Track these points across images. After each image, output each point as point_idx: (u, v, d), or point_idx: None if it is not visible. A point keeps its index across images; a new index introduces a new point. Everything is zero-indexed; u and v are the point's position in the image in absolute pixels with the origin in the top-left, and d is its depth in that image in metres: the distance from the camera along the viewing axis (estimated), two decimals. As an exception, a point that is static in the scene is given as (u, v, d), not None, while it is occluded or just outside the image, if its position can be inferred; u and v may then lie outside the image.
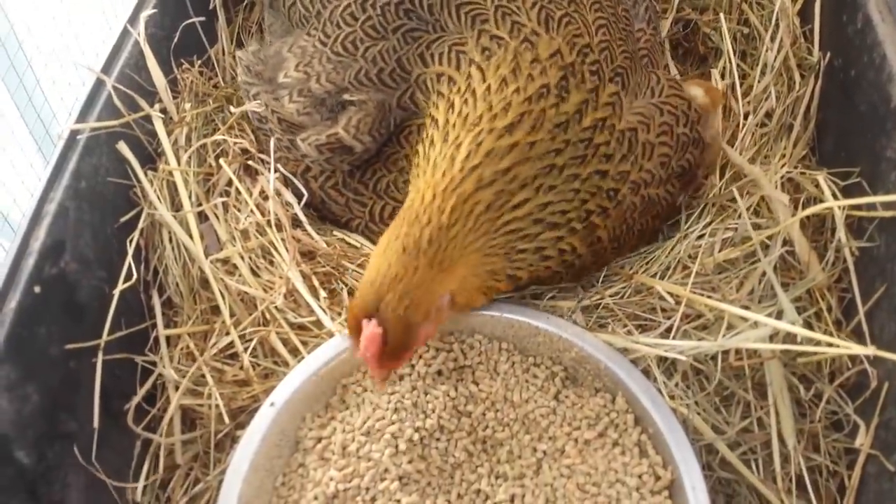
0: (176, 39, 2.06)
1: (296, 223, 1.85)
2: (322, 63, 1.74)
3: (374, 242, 1.81)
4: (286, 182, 1.87)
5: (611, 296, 1.73)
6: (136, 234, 1.78)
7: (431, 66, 1.67)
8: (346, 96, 1.71)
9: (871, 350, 1.35)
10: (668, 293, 1.66)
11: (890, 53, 1.65)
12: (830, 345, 1.41)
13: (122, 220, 1.78)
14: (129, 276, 1.70)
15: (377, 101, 1.70)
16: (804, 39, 2.03)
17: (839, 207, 1.65)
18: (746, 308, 1.67)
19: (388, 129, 1.72)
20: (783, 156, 1.92)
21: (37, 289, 1.50)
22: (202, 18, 2.14)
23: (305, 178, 1.84)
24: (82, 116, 1.78)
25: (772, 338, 1.55)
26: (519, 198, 1.49)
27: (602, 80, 1.64)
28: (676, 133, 1.72)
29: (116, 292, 1.65)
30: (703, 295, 1.66)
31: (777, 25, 2.04)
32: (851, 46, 1.80)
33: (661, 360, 1.59)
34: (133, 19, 1.97)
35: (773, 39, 2.05)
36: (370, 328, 1.36)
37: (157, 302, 1.80)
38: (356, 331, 1.38)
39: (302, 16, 1.83)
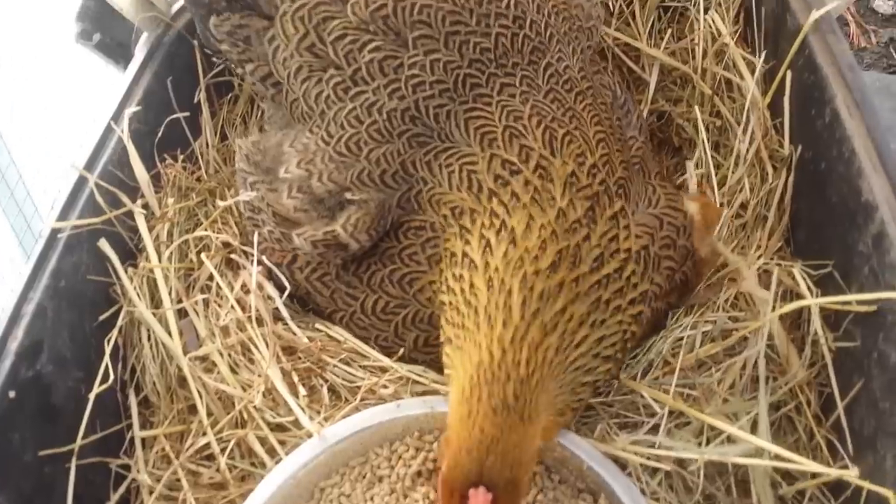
0: (160, 134, 2.08)
1: (277, 317, 1.85)
2: (325, 162, 1.74)
3: (357, 335, 1.80)
4: (269, 274, 1.87)
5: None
6: (115, 332, 1.77)
7: (441, 180, 1.68)
8: (348, 195, 1.72)
9: (853, 474, 1.37)
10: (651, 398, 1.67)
11: (858, 148, 1.69)
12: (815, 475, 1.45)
13: (101, 318, 1.77)
14: (105, 378, 1.68)
15: (378, 201, 1.70)
16: (775, 132, 2.07)
17: (816, 304, 1.67)
18: (727, 401, 1.69)
19: (385, 228, 1.72)
20: (759, 247, 1.95)
21: (11, 393, 1.49)
22: (186, 113, 2.16)
23: (291, 269, 1.83)
24: (64, 214, 1.78)
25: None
26: (579, 335, 1.49)
27: (611, 197, 1.66)
28: (678, 245, 1.73)
29: (92, 395, 1.63)
30: (684, 393, 1.67)
31: (748, 118, 2.09)
32: (821, 140, 1.84)
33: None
34: (117, 116, 1.99)
35: (744, 132, 2.09)
36: (480, 496, 1.34)
37: (133, 402, 1.78)
38: (457, 498, 1.36)
39: (304, 112, 1.81)
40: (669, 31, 2.40)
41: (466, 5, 1.76)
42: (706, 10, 2.29)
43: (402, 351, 1.76)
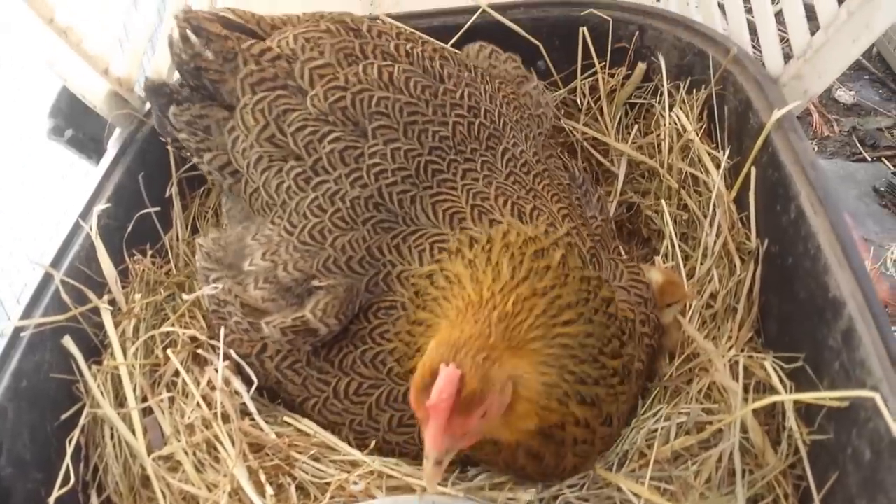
0: (129, 229, 2.07)
1: (244, 412, 1.81)
2: (289, 252, 1.75)
3: (330, 422, 1.78)
4: (237, 369, 1.84)
5: (569, 487, 1.70)
6: (77, 431, 1.73)
7: (411, 259, 1.70)
8: (315, 283, 1.72)
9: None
10: (629, 491, 1.65)
11: (824, 245, 1.71)
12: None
13: (63, 417, 1.73)
14: (66, 480, 1.63)
15: (346, 286, 1.71)
16: (742, 225, 2.10)
17: (790, 400, 1.67)
18: (704, 496, 1.67)
19: (354, 311, 1.72)
20: (730, 338, 1.95)
21: (-34, 499, 1.43)
22: (157, 208, 2.16)
23: (261, 359, 1.81)
24: (28, 312, 1.76)
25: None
26: (566, 315, 1.50)
27: (585, 264, 1.69)
28: (647, 314, 1.78)
29: (52, 499, 1.58)
30: (661, 487, 1.65)
31: (714, 212, 2.12)
32: (787, 235, 1.87)
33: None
34: (86, 213, 1.98)
35: (711, 225, 2.13)
36: (448, 370, 1.31)
37: (95, 503, 1.72)
38: (426, 385, 1.33)
39: (265, 203, 1.83)
40: (636, 126, 2.48)
41: (422, 96, 1.82)
42: (671, 108, 2.36)
43: (373, 443, 1.74)
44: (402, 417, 1.71)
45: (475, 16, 2.42)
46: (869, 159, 3.65)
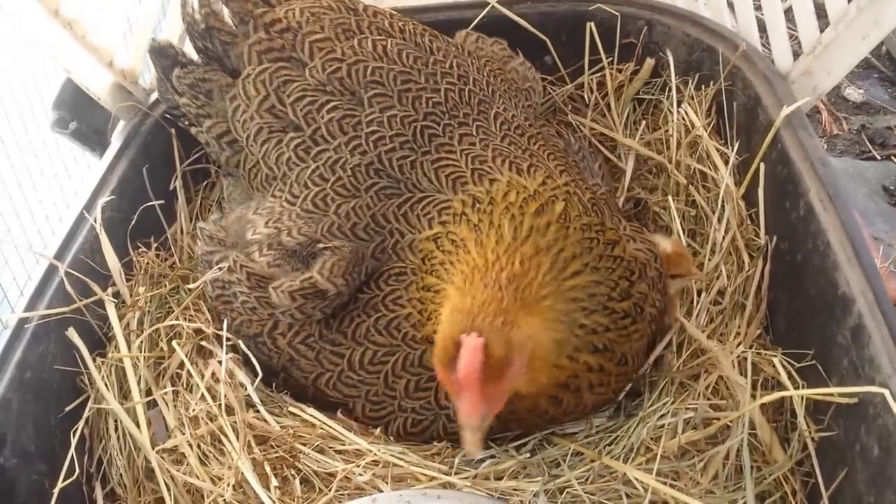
0: (134, 222, 2.06)
1: (249, 404, 1.80)
2: (292, 219, 1.78)
3: (345, 396, 1.78)
4: (242, 361, 1.83)
5: (577, 478, 1.69)
6: (81, 423, 1.72)
7: (421, 228, 1.72)
8: (321, 245, 1.74)
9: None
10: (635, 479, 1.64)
11: (833, 241, 1.70)
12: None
13: (67, 409, 1.72)
14: (71, 471, 1.63)
15: (351, 248, 1.73)
16: (751, 221, 2.09)
17: (798, 396, 1.66)
18: (711, 493, 1.66)
19: (361, 275, 1.74)
20: (738, 334, 1.94)
21: (-29, 489, 1.43)
22: (161, 201, 2.15)
23: (273, 336, 1.82)
24: (32, 304, 1.75)
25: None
26: (573, 267, 1.54)
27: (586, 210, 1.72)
28: (655, 259, 1.81)
29: (57, 490, 1.57)
30: (667, 483, 1.64)
31: (723, 208, 2.11)
32: (796, 232, 1.86)
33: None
34: (90, 204, 1.97)
35: (720, 221, 2.11)
36: (471, 340, 1.34)
37: (99, 495, 1.74)
38: (451, 358, 1.35)
39: (265, 177, 1.87)
40: (644, 122, 2.46)
41: (414, 66, 1.89)
42: (679, 104, 2.35)
43: (386, 412, 1.75)
44: (419, 381, 1.72)
45: (485, 11, 2.41)
46: (878, 158, 3.62)
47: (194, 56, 2.02)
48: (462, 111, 1.87)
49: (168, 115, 2.18)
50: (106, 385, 1.77)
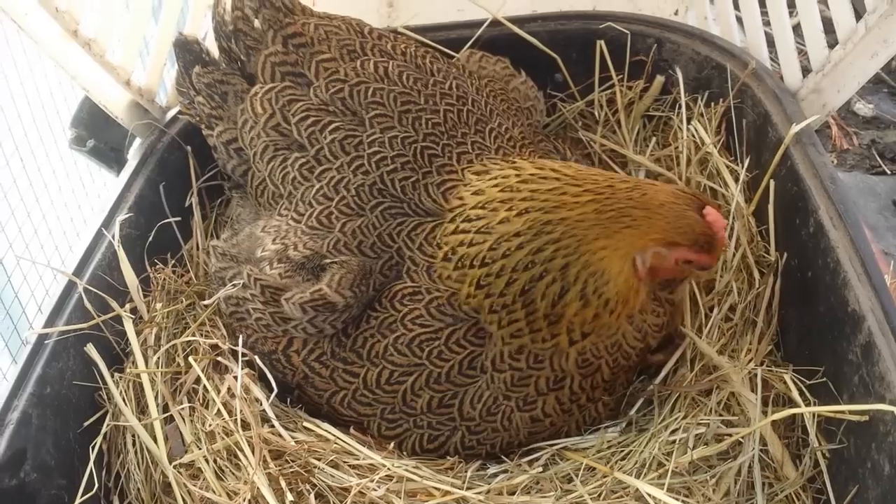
0: (150, 238, 2.09)
1: (264, 419, 1.82)
2: (298, 235, 1.82)
3: (360, 415, 1.81)
4: (258, 376, 1.85)
5: (589, 493, 1.70)
6: (100, 438, 1.74)
7: (435, 252, 1.77)
8: (328, 260, 1.78)
9: None
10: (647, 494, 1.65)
11: (843, 259, 1.71)
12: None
13: (86, 424, 1.75)
14: (90, 486, 1.64)
15: (359, 262, 1.78)
16: (761, 238, 2.11)
17: (810, 413, 1.67)
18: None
19: (369, 290, 1.78)
20: (749, 350, 1.95)
21: (-7, 505, 1.45)
22: (178, 218, 2.18)
23: (287, 354, 1.84)
24: (51, 320, 1.77)
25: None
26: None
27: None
28: None
29: (76, 504, 1.59)
30: (679, 498, 1.65)
31: (733, 225, 2.12)
32: (806, 249, 1.87)
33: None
34: (108, 221, 2.00)
35: (730, 237, 2.12)
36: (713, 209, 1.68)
37: (117, 510, 1.74)
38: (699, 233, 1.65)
39: (272, 195, 1.92)
40: (654, 138, 2.48)
41: (414, 87, 1.93)
42: (689, 120, 2.36)
43: (392, 445, 1.78)
44: (442, 398, 1.76)
45: (482, 27, 2.44)
46: (888, 172, 3.63)
47: (217, 55, 2.05)
48: (460, 130, 1.91)
49: (182, 114, 2.23)
50: (124, 400, 1.79)
